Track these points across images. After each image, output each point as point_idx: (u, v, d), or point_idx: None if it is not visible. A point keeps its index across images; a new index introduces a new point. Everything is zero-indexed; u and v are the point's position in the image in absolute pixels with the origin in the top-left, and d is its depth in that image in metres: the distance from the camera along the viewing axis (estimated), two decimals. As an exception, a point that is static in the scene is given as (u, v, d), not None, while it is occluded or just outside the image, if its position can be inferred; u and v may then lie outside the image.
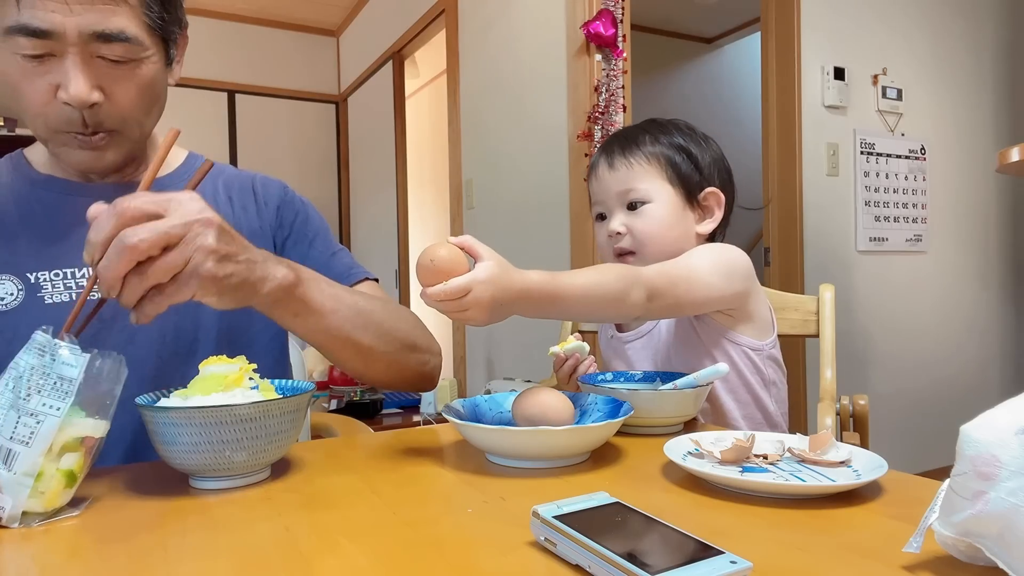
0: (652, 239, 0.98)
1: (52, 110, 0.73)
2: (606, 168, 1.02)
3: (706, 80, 4.84)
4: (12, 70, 0.71)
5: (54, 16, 0.68)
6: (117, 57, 0.73)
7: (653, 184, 0.99)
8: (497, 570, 0.42)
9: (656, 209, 0.98)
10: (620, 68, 2.27)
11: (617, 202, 1.01)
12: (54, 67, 0.71)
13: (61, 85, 0.71)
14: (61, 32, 0.69)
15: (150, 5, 0.75)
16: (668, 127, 1.03)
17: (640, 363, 1.03)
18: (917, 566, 0.41)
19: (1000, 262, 3.19)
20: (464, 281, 0.65)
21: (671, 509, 0.53)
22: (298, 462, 0.68)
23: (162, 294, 0.59)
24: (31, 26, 0.68)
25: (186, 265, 0.58)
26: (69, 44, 0.70)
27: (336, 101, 4.87)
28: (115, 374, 0.56)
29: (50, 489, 0.52)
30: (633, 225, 0.99)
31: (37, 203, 0.83)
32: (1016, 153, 1.52)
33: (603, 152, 1.04)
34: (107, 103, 0.74)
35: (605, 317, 0.96)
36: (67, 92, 0.71)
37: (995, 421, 0.38)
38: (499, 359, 2.93)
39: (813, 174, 2.65)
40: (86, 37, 0.70)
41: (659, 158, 1.00)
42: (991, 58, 3.14)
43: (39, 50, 0.70)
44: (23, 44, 0.69)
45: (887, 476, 0.56)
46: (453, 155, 3.20)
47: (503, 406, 0.77)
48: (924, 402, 2.93)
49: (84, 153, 0.77)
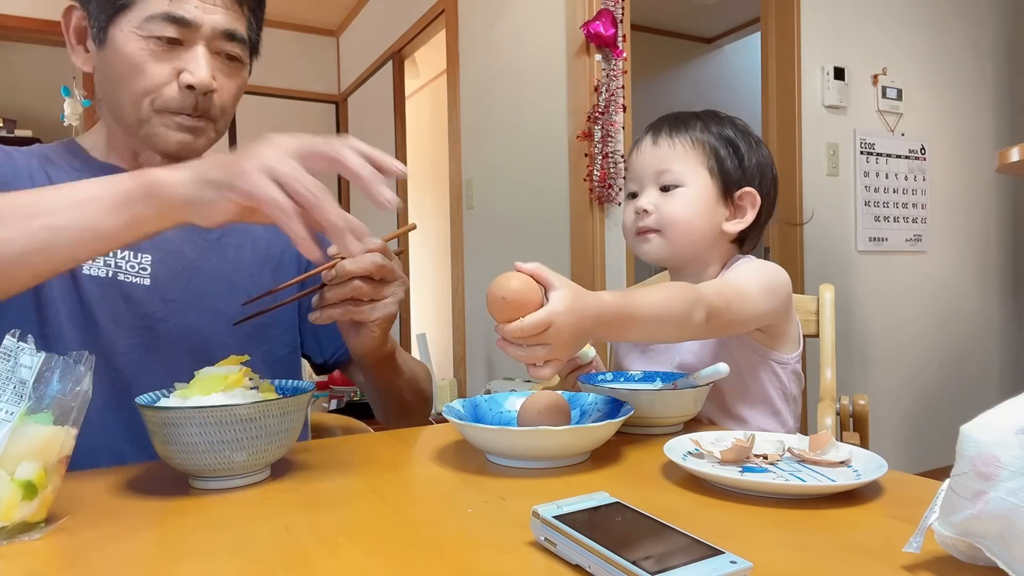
0: (678, 223, 0.96)
1: (168, 91, 0.82)
2: (649, 143, 0.99)
3: (706, 80, 4.84)
4: (139, 53, 0.81)
5: (196, 11, 0.81)
6: (234, 54, 0.86)
7: (691, 169, 0.96)
8: (497, 570, 0.42)
9: (688, 194, 0.96)
10: (620, 68, 2.27)
11: (651, 180, 0.98)
12: (180, 54, 0.82)
13: (186, 70, 0.82)
14: (199, 25, 0.81)
15: (252, 21, 0.88)
16: (723, 120, 1.01)
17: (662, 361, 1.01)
18: (917, 566, 0.41)
19: (1000, 262, 3.19)
20: (543, 316, 0.61)
21: (671, 509, 0.53)
22: (298, 462, 0.68)
23: (356, 307, 0.77)
24: (177, 14, 0.80)
25: (384, 301, 0.78)
26: (201, 37, 0.82)
27: (336, 101, 4.87)
28: (73, 375, 0.52)
29: (3, 500, 0.48)
30: (662, 205, 0.96)
31: None
32: (1016, 153, 1.52)
33: (650, 128, 1.01)
34: (216, 93, 0.85)
35: (669, 337, 0.90)
36: (193, 76, 0.81)
37: (995, 421, 0.38)
38: (499, 359, 2.93)
39: (813, 174, 2.65)
40: (217, 33, 0.83)
41: (704, 145, 0.97)
42: (991, 58, 3.14)
43: (175, 35, 0.81)
44: (164, 29, 0.80)
45: (887, 476, 0.56)
46: (453, 155, 3.20)
47: (503, 406, 0.77)
48: (924, 402, 2.93)
49: (181, 135, 0.85)
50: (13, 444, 0.49)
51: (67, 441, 0.52)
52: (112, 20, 0.81)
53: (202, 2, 0.81)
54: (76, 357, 0.53)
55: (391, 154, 2.84)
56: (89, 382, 0.53)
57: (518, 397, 0.77)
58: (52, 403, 0.51)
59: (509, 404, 0.77)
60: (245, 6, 0.86)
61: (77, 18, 0.86)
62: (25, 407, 0.50)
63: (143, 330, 0.84)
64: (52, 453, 0.51)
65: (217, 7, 0.82)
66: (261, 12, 0.90)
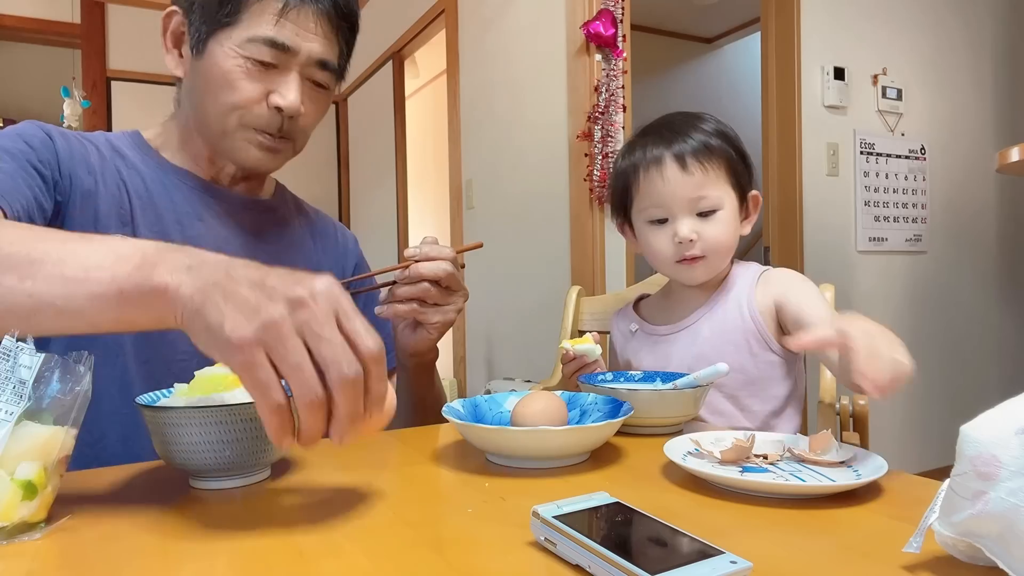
0: (721, 246, 0.98)
1: (257, 109, 0.84)
2: (676, 169, 0.96)
3: (706, 80, 4.84)
4: (235, 70, 0.82)
5: (297, 38, 0.83)
6: (321, 82, 0.88)
7: (722, 190, 0.97)
8: (497, 570, 0.42)
9: (725, 216, 0.97)
10: (620, 68, 2.27)
11: (686, 208, 0.96)
12: (273, 77, 0.83)
13: (277, 92, 0.83)
14: (297, 51, 0.83)
15: (344, 49, 0.90)
16: (707, 120, 1.00)
17: (679, 358, 1.00)
18: (917, 566, 0.41)
19: (1000, 262, 3.19)
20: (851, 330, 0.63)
21: (671, 509, 0.53)
22: (298, 462, 0.68)
23: (421, 308, 0.81)
24: (279, 40, 0.82)
25: (446, 307, 0.82)
26: (296, 63, 0.84)
27: (336, 101, 4.87)
28: (73, 375, 0.52)
29: (3, 500, 0.48)
30: (704, 232, 0.96)
31: (175, 190, 0.89)
32: (1016, 153, 1.52)
33: (664, 147, 0.97)
34: (301, 117, 0.86)
35: None
36: (284, 99, 0.83)
37: (995, 421, 0.38)
38: (499, 359, 2.93)
39: (813, 174, 2.65)
40: (312, 61, 0.84)
41: (724, 159, 0.98)
42: (991, 58, 3.14)
43: (272, 59, 0.82)
44: (263, 52, 0.82)
45: (887, 476, 0.56)
46: (453, 155, 3.20)
47: (503, 406, 0.77)
48: (924, 402, 2.93)
49: (262, 152, 0.87)
50: (13, 444, 0.49)
51: (67, 441, 0.52)
52: (213, 34, 0.82)
53: (303, 29, 0.83)
54: (76, 357, 0.53)
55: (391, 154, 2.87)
56: (89, 382, 0.53)
57: (518, 397, 0.77)
58: (52, 403, 0.51)
59: (509, 404, 0.77)
60: (340, 35, 0.88)
61: (176, 23, 0.87)
62: (24, 407, 0.50)
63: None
64: (52, 453, 0.51)
65: (317, 36, 0.84)
66: (353, 41, 0.92)
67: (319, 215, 1.09)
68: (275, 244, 0.96)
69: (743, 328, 0.97)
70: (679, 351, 1.01)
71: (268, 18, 0.81)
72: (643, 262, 1.07)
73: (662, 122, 1.03)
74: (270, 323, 0.44)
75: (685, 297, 1.05)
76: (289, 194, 1.06)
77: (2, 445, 0.48)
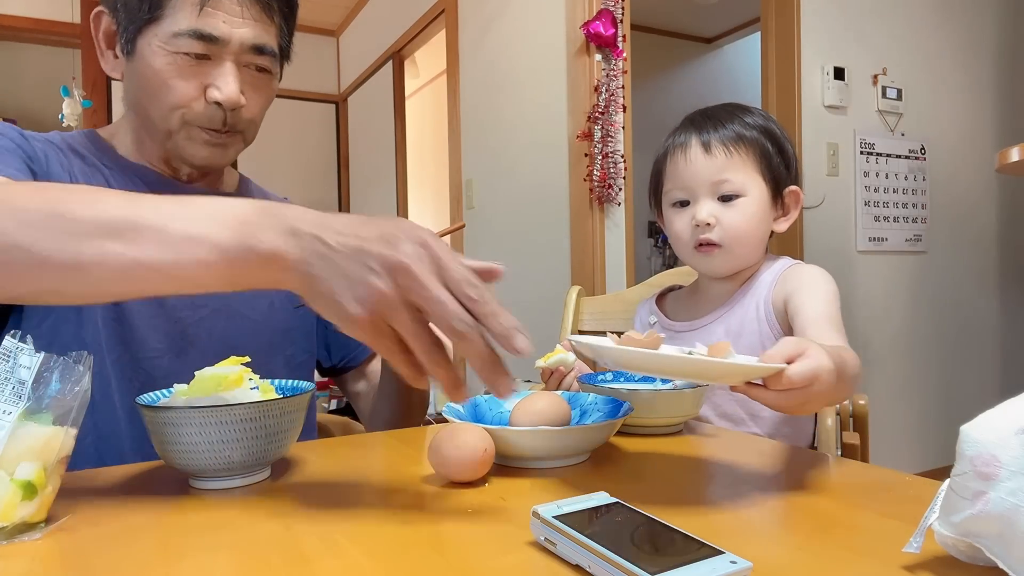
0: (741, 235, 0.95)
1: (196, 106, 0.81)
2: (700, 152, 0.96)
3: (706, 80, 4.84)
4: (166, 68, 0.79)
5: (224, 26, 0.78)
6: (262, 66, 0.84)
7: (749, 177, 0.95)
8: (497, 570, 0.42)
9: (749, 204, 0.95)
10: (620, 68, 2.28)
11: (708, 191, 0.95)
12: (208, 70, 0.80)
13: (213, 86, 0.80)
14: (227, 40, 0.79)
15: (283, 28, 0.86)
16: (752, 111, 0.99)
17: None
18: (917, 566, 0.41)
19: (1000, 262, 3.19)
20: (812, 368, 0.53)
21: (671, 509, 0.53)
22: (298, 462, 0.68)
23: None
24: (204, 31, 0.78)
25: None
26: (229, 52, 0.80)
27: (336, 101, 4.87)
28: (72, 375, 0.52)
29: (3, 500, 0.48)
30: (724, 217, 0.94)
31: (137, 188, 0.85)
32: (1016, 153, 1.52)
33: (695, 132, 0.97)
34: (244, 107, 0.83)
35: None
36: (221, 93, 0.80)
37: (995, 421, 0.38)
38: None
39: (813, 174, 2.65)
40: (245, 48, 0.80)
41: (756, 149, 0.96)
42: (991, 58, 3.14)
43: (203, 51, 0.79)
44: (191, 45, 0.78)
45: (887, 476, 0.56)
46: (453, 155, 3.20)
47: (503, 406, 0.77)
48: (924, 402, 2.93)
49: (210, 149, 0.84)
50: (12, 444, 0.49)
51: (67, 441, 0.52)
52: (140, 32, 0.79)
53: (230, 16, 0.79)
54: (76, 357, 0.52)
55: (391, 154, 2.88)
56: (88, 382, 0.53)
57: (518, 397, 0.77)
58: (51, 403, 0.51)
59: (509, 404, 0.77)
60: (276, 15, 0.84)
61: (106, 23, 0.84)
62: (24, 407, 0.50)
63: (175, 335, 0.84)
64: (51, 453, 0.51)
65: (246, 20, 0.80)
66: (293, 19, 0.88)
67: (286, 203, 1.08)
68: None
69: (758, 331, 0.96)
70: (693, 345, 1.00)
71: (190, 9, 0.77)
72: (643, 262, 1.07)
73: (705, 110, 1.02)
74: (379, 298, 0.46)
75: (710, 294, 1.04)
76: (254, 186, 1.03)
77: (2, 445, 0.48)
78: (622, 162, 2.27)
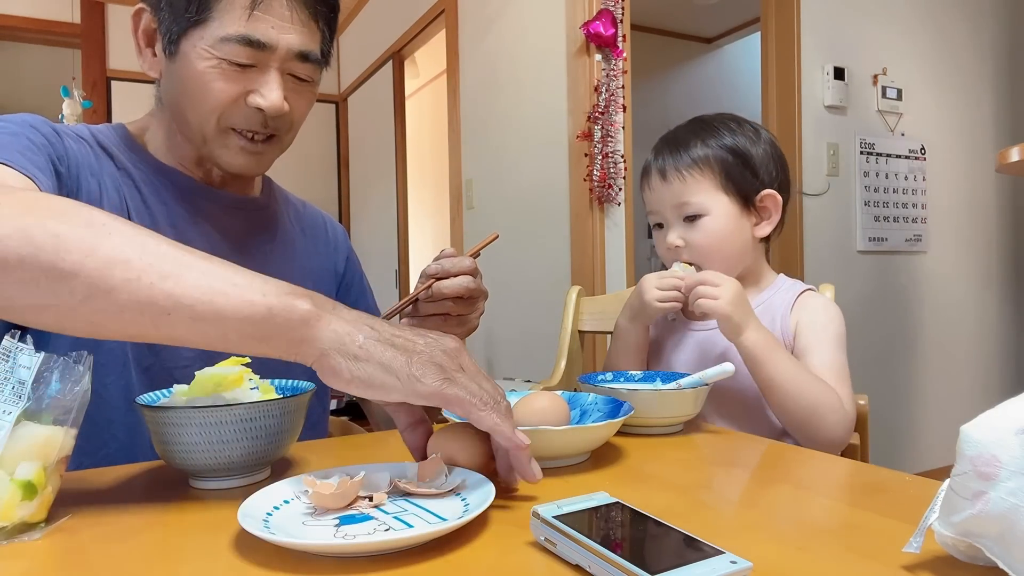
0: (712, 251, 0.98)
1: (236, 110, 0.80)
2: (659, 180, 1.00)
3: (706, 80, 4.84)
4: (209, 71, 0.78)
5: (273, 32, 0.77)
6: (304, 76, 0.83)
7: (708, 195, 0.98)
8: (497, 570, 0.42)
9: (712, 222, 0.98)
10: (620, 68, 2.27)
11: (673, 214, 1.00)
12: (252, 76, 0.79)
13: (256, 92, 0.79)
14: (274, 47, 0.78)
15: (326, 35, 0.84)
16: (717, 127, 1.01)
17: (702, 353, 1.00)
18: (917, 566, 0.41)
19: (1000, 262, 3.19)
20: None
21: (671, 509, 0.53)
22: (298, 462, 0.68)
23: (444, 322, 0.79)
24: (253, 37, 0.77)
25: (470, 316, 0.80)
26: (275, 59, 0.79)
27: (336, 101, 4.87)
28: (73, 375, 0.52)
29: (3, 500, 0.48)
30: (691, 238, 0.98)
31: (167, 191, 0.86)
32: (1016, 153, 1.52)
33: (654, 160, 1.02)
34: (286, 114, 0.82)
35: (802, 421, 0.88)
36: (265, 99, 0.79)
37: (995, 421, 0.38)
38: (499, 359, 2.93)
39: (813, 174, 2.65)
40: (291, 55, 0.80)
41: (711, 166, 0.98)
42: (991, 58, 3.14)
43: (249, 60, 0.78)
44: (238, 53, 0.77)
45: (887, 476, 0.56)
46: (453, 155, 3.20)
47: (503, 406, 0.77)
48: (924, 402, 2.93)
49: (246, 156, 0.84)
50: (12, 444, 0.49)
51: (66, 441, 0.52)
52: (185, 33, 0.78)
53: (279, 21, 0.78)
54: (76, 357, 0.52)
55: (391, 154, 2.88)
56: (88, 382, 0.53)
57: (518, 397, 0.77)
58: (51, 403, 0.51)
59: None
60: (320, 20, 0.83)
61: (147, 21, 0.83)
62: (23, 407, 0.50)
63: None
64: (51, 453, 0.51)
65: (294, 26, 0.79)
66: (335, 23, 0.87)
67: (306, 207, 1.07)
68: (267, 244, 0.94)
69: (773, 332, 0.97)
70: (705, 348, 1.00)
71: (240, 12, 0.76)
72: (643, 262, 1.08)
73: (669, 134, 1.05)
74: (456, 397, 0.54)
75: None
76: (276, 187, 1.03)
77: (2, 445, 0.48)
78: (622, 162, 2.27)
